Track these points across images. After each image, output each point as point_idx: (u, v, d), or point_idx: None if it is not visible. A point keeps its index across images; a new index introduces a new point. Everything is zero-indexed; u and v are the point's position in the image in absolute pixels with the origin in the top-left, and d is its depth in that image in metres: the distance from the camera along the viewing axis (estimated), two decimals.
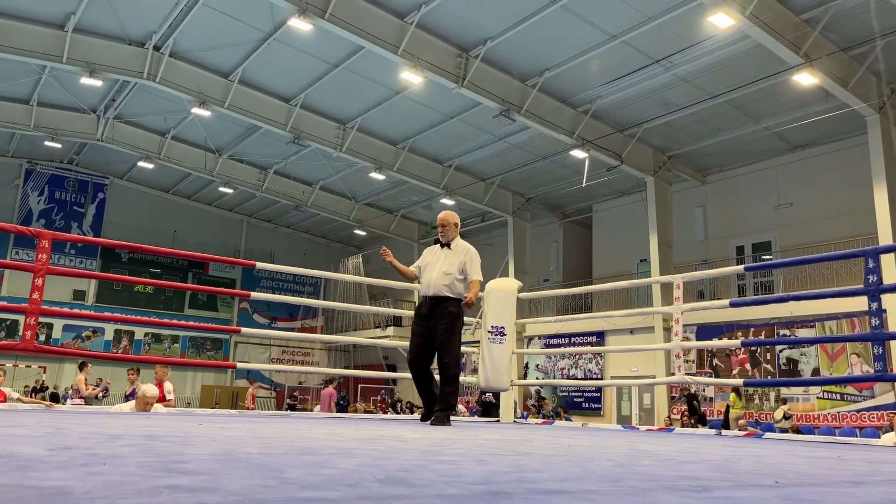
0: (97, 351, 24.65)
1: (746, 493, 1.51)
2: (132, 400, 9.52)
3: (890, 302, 11.89)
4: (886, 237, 13.89)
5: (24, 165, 25.66)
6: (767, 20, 12.36)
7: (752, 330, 16.67)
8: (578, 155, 17.92)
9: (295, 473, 1.43)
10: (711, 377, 16.80)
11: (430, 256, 5.25)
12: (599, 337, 19.68)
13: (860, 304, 7.63)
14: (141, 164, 23.68)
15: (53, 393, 17.93)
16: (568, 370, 21.21)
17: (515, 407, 8.89)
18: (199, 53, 17.34)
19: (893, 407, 14.01)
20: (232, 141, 22.28)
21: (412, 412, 16.80)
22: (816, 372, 15.59)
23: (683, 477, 1.78)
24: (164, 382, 8.75)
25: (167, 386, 8.74)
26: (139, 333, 27.22)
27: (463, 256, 5.10)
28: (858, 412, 14.85)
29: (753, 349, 16.75)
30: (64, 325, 25.43)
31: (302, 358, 30.38)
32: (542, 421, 9.85)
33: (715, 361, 17.55)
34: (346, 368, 26.21)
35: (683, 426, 12.71)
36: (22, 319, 5.05)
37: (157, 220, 27.47)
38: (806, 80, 13.49)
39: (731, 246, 19.51)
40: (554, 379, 21.48)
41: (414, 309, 5.33)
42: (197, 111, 18.56)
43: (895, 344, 12.02)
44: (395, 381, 25.81)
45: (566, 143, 17.63)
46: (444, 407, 4.95)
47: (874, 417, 14.45)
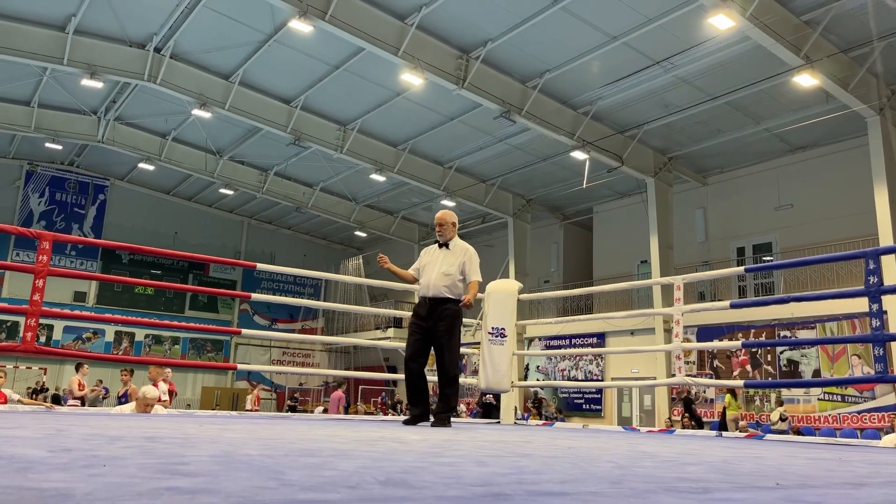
0: (98, 352, 24.65)
1: (747, 494, 1.51)
2: (125, 401, 9.53)
3: (891, 303, 11.90)
4: (887, 238, 13.89)
5: (24, 167, 25.68)
6: (768, 21, 12.37)
7: (752, 331, 16.67)
8: (579, 156, 17.94)
9: (295, 475, 1.43)
10: (712, 378, 16.77)
11: (428, 257, 5.21)
12: (600, 338, 19.67)
13: (861, 305, 7.63)
14: (141, 165, 23.70)
15: (55, 395, 17.92)
16: (568, 371, 21.21)
17: (516, 408, 8.89)
18: (199, 55, 17.36)
19: (894, 408, 14.00)
20: (232, 142, 22.30)
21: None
22: (817, 373, 15.58)
23: (684, 478, 1.78)
24: (157, 383, 8.76)
25: (161, 387, 8.73)
26: (140, 335, 27.23)
27: (462, 257, 5.07)
28: (859, 413, 14.83)
29: (754, 350, 16.74)
30: (64, 326, 25.43)
31: (302, 359, 30.38)
32: (542, 422, 9.84)
33: (716, 363, 17.54)
34: (346, 370, 26.25)
35: (684, 428, 12.71)
36: (22, 321, 5.05)
37: (157, 221, 27.48)
38: (806, 81, 13.50)
39: (731, 247, 19.51)
40: (554, 380, 21.47)
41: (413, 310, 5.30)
42: (197, 113, 18.57)
43: None
44: (395, 382, 25.81)
45: (566, 144, 17.64)
46: (444, 408, 4.94)
47: (875, 419, 14.44)
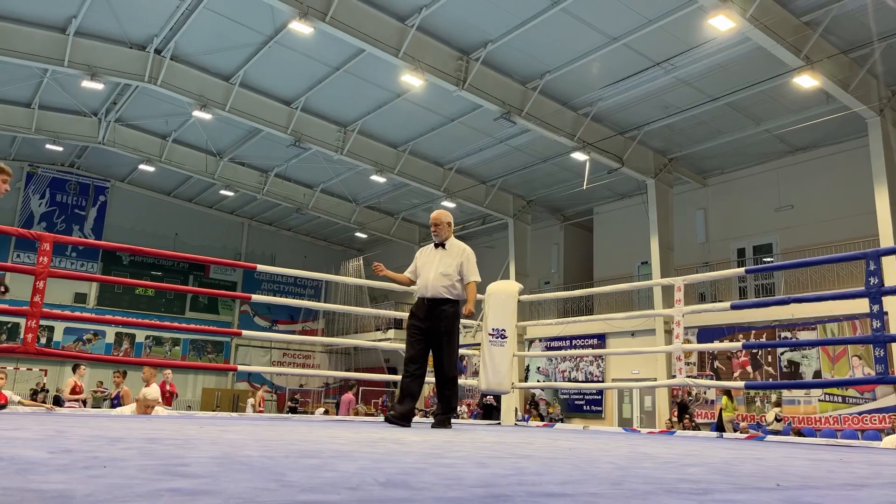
0: (98, 354, 24.66)
1: (747, 496, 1.51)
2: (118, 403, 9.52)
3: (891, 304, 11.90)
4: (887, 239, 13.88)
5: (25, 169, 25.68)
6: (768, 22, 12.37)
7: (753, 332, 16.66)
8: (579, 157, 17.94)
9: (295, 476, 1.43)
10: (713, 380, 16.76)
11: (424, 257, 5.15)
12: (600, 339, 19.66)
13: (861, 306, 7.62)
14: (142, 167, 23.70)
15: (56, 396, 17.92)
16: (569, 373, 21.20)
17: (516, 410, 8.89)
18: (200, 56, 17.37)
19: (895, 409, 14.00)
20: (233, 144, 22.30)
21: (414, 415, 16.74)
22: (818, 374, 15.57)
23: (684, 480, 1.78)
24: (151, 384, 8.73)
25: (146, 388, 8.70)
26: (140, 336, 27.23)
27: (460, 257, 5.02)
28: (860, 415, 14.82)
29: (755, 351, 16.73)
30: (65, 327, 25.43)
31: (303, 361, 30.38)
32: (542, 423, 9.84)
33: (716, 364, 17.53)
34: (346, 371, 26.25)
35: (685, 429, 12.71)
36: (23, 322, 5.05)
37: (158, 222, 27.49)
38: (806, 82, 13.50)
39: (731, 248, 19.50)
40: (555, 382, 21.46)
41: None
42: (198, 114, 18.58)
43: None
44: (396, 384, 25.76)
45: (567, 145, 17.64)
46: (444, 410, 4.94)
47: (876, 420, 14.43)
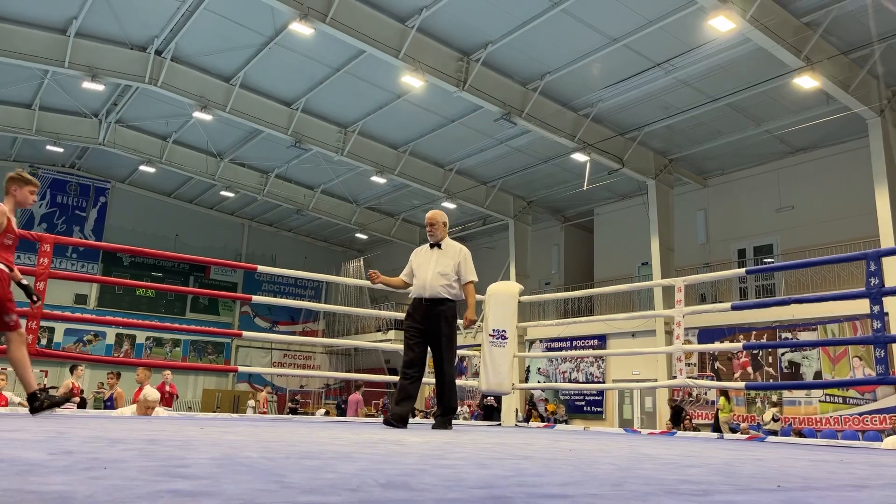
0: (99, 355, 24.66)
1: (748, 497, 1.51)
2: (111, 405, 9.48)
3: (892, 305, 11.88)
4: (888, 240, 13.88)
5: (25, 170, 25.66)
6: (768, 23, 12.37)
7: (753, 333, 16.65)
8: (579, 158, 17.94)
9: (296, 478, 1.43)
10: (713, 380, 16.75)
11: (420, 257, 5.13)
12: (601, 340, 19.65)
13: (862, 306, 7.62)
14: (142, 168, 23.72)
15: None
16: (569, 373, 21.19)
17: (517, 410, 8.88)
18: (200, 58, 17.38)
19: (895, 410, 13.99)
20: (233, 145, 22.31)
21: (414, 416, 16.72)
22: (818, 375, 15.56)
23: (685, 481, 1.77)
24: (144, 386, 8.70)
25: (146, 389, 8.67)
26: (141, 337, 27.23)
27: (457, 257, 5.02)
28: (861, 415, 14.81)
29: (755, 352, 16.72)
30: (66, 329, 25.42)
31: (303, 361, 30.38)
32: (543, 424, 9.83)
33: (717, 365, 17.52)
34: (347, 372, 26.26)
35: (685, 430, 12.70)
36: (23, 323, 5.05)
37: (158, 223, 27.50)
38: (807, 83, 13.50)
39: (732, 249, 19.49)
40: (555, 382, 21.45)
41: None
42: (198, 115, 18.59)
43: None
44: (396, 384, 25.78)
45: (567, 146, 17.64)
46: (445, 411, 4.94)
47: (876, 421, 14.42)
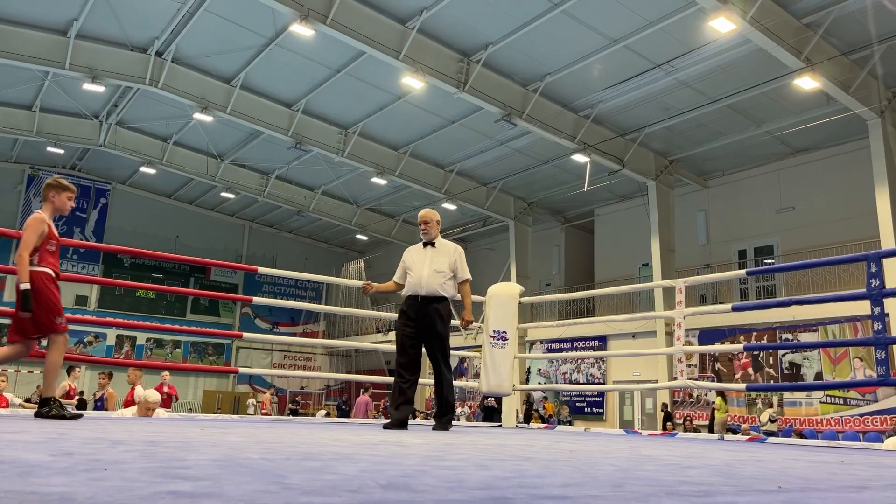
0: (99, 356, 24.65)
1: (749, 498, 1.51)
2: (101, 406, 9.45)
3: (893, 306, 11.87)
4: (889, 241, 13.87)
5: (26, 171, 25.71)
6: (768, 24, 12.37)
7: (754, 334, 16.64)
8: (580, 159, 17.95)
9: (296, 479, 1.43)
10: (714, 382, 16.75)
11: (413, 256, 5.09)
12: (601, 341, 19.65)
13: (863, 307, 7.61)
14: (143, 169, 23.73)
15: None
16: (570, 375, 21.18)
17: (518, 412, 8.87)
18: (201, 59, 17.39)
19: None
20: (234, 146, 22.32)
21: (415, 417, 16.70)
22: (819, 376, 15.55)
23: (686, 482, 1.77)
24: (136, 386, 8.68)
25: (138, 390, 8.65)
26: (141, 338, 27.23)
27: (453, 255, 5.02)
28: (861, 416, 14.79)
29: (756, 353, 16.72)
30: None
31: (304, 363, 30.38)
32: (544, 426, 9.83)
33: (717, 366, 17.51)
34: (347, 373, 26.24)
35: (686, 431, 12.69)
36: None
37: (159, 225, 27.50)
38: (807, 84, 13.51)
39: (733, 250, 19.48)
40: (556, 384, 21.43)
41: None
42: (199, 116, 18.60)
43: None
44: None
45: (568, 147, 17.64)
46: (445, 411, 4.93)
47: (877, 422, 14.41)
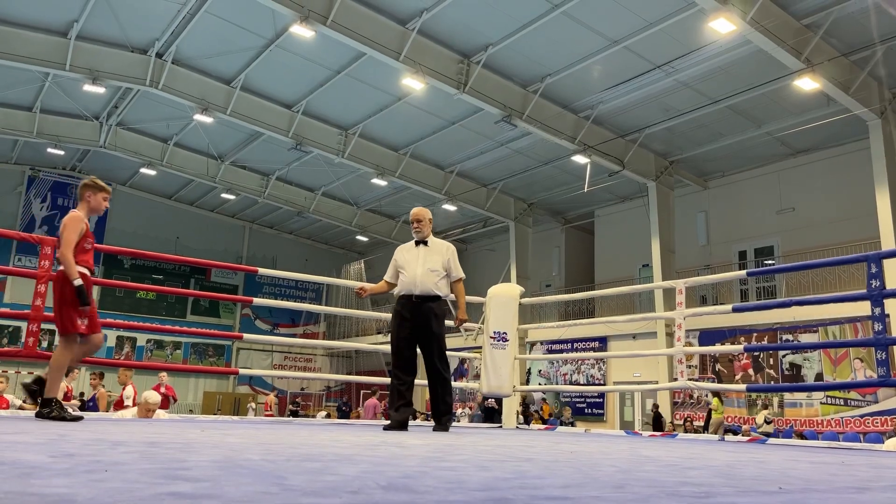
0: (99, 357, 24.63)
1: (750, 499, 1.51)
2: (93, 406, 9.45)
3: (893, 307, 11.86)
4: (889, 242, 13.87)
5: (27, 172, 25.72)
6: (769, 25, 12.38)
7: (754, 335, 16.63)
8: (580, 160, 17.95)
9: (297, 480, 1.43)
10: (714, 382, 16.74)
11: (405, 255, 5.02)
12: (602, 342, 19.63)
13: (863, 308, 7.61)
14: (143, 170, 23.75)
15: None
16: (570, 376, 21.16)
17: (518, 413, 8.86)
18: (201, 60, 17.40)
19: None
20: (234, 147, 22.33)
21: (414, 418, 16.70)
22: (820, 377, 15.54)
23: (686, 483, 1.77)
24: (126, 386, 8.67)
25: (128, 391, 8.64)
26: (141, 340, 27.23)
27: (446, 254, 4.98)
28: (862, 417, 14.78)
29: (756, 354, 16.71)
30: None
31: (304, 364, 30.37)
32: (544, 427, 9.83)
33: (718, 367, 17.50)
34: (348, 374, 26.24)
35: (686, 432, 12.69)
36: (24, 326, 5.05)
37: (159, 226, 27.50)
38: (807, 84, 13.51)
39: (733, 251, 19.48)
40: (556, 384, 21.42)
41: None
42: (199, 118, 18.61)
43: None
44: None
45: (568, 148, 17.65)
46: (444, 411, 4.92)
47: (878, 423, 14.39)
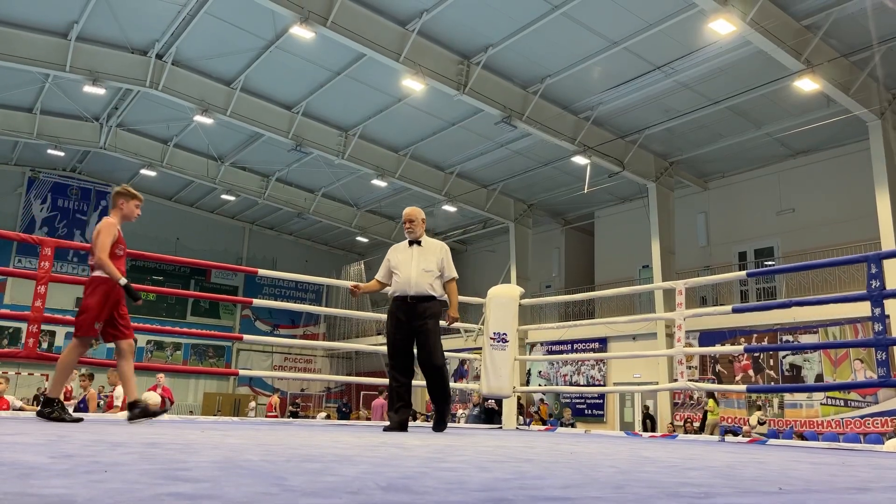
0: (99, 358, 24.62)
1: (750, 500, 1.51)
2: (84, 407, 9.43)
3: (893, 307, 11.86)
4: (889, 242, 13.87)
5: (27, 174, 25.73)
6: (768, 26, 12.38)
7: (754, 336, 16.63)
8: (580, 161, 17.95)
9: (297, 481, 1.43)
10: (714, 383, 16.73)
11: (399, 255, 5.01)
12: (602, 343, 19.63)
13: (863, 309, 7.61)
14: (143, 171, 23.73)
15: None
16: (570, 377, 21.16)
17: (518, 413, 8.85)
18: (201, 61, 17.40)
19: None
20: (234, 148, 22.33)
21: (414, 419, 16.71)
22: (820, 378, 15.53)
23: (686, 483, 1.77)
24: (116, 387, 8.65)
25: (117, 391, 8.62)
26: (141, 341, 27.19)
27: (440, 254, 4.96)
28: (862, 418, 14.77)
29: (756, 355, 16.70)
30: (66, 332, 25.39)
31: (304, 365, 30.36)
32: (544, 427, 9.82)
33: (718, 367, 17.49)
34: (348, 375, 26.24)
35: (686, 432, 12.68)
36: (24, 327, 5.05)
37: (159, 227, 27.44)
38: (807, 85, 13.51)
39: (733, 252, 19.48)
40: (556, 385, 21.42)
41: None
42: (199, 119, 18.61)
43: None
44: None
45: (568, 149, 17.65)
46: (444, 410, 4.92)
47: (878, 423, 14.38)
